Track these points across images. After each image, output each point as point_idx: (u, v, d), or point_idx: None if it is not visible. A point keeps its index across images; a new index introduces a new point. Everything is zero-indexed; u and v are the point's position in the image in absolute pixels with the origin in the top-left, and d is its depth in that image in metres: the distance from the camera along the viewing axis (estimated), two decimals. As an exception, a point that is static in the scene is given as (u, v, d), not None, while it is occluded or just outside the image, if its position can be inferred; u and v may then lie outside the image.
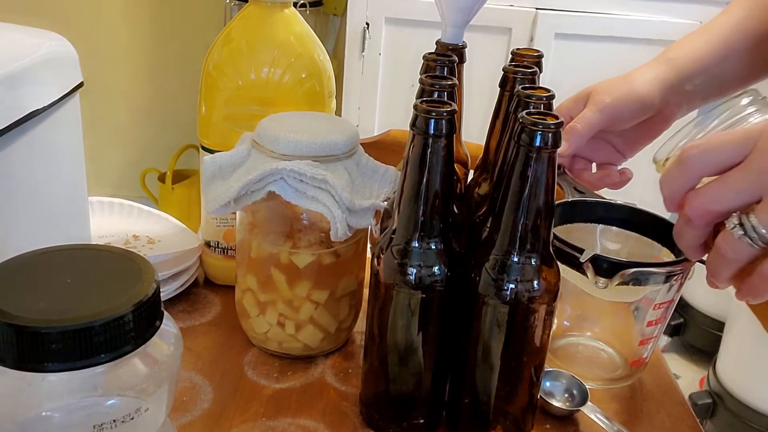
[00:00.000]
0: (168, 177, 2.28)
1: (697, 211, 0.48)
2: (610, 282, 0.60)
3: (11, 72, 0.52)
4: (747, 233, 0.46)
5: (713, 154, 0.48)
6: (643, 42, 1.87)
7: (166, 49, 2.42)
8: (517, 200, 0.51)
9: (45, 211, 0.60)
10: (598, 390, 0.67)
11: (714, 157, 0.47)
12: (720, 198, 0.47)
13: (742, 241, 0.46)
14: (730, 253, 0.47)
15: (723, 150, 0.47)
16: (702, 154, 0.48)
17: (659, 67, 0.72)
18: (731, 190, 0.46)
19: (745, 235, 0.46)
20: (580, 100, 0.71)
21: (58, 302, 0.35)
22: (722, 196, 0.47)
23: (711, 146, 0.48)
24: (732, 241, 0.47)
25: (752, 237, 0.46)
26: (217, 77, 0.72)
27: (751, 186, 0.46)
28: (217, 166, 0.64)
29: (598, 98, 0.69)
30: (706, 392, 1.78)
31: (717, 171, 0.48)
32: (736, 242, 0.46)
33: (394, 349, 0.58)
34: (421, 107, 0.51)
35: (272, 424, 0.61)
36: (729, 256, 0.47)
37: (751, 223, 0.45)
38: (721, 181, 0.47)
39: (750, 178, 0.46)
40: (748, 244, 0.46)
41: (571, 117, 0.71)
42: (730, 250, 0.47)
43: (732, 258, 0.47)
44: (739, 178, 0.46)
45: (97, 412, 0.36)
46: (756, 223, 0.45)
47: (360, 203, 0.62)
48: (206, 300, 0.77)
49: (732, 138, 0.47)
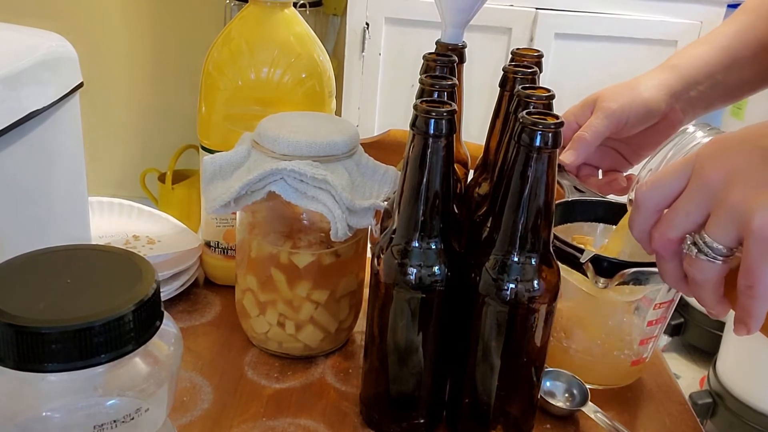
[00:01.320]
0: (168, 177, 2.28)
1: (659, 243, 0.50)
2: (610, 282, 0.60)
3: (11, 72, 0.52)
4: (701, 250, 0.47)
5: (660, 188, 0.50)
6: (643, 42, 1.87)
7: (166, 49, 2.42)
8: (517, 200, 0.51)
9: (45, 212, 0.60)
10: (598, 390, 0.67)
11: (662, 191, 0.49)
12: (673, 225, 0.49)
13: (701, 260, 0.47)
14: (696, 275, 0.48)
15: (667, 181, 0.49)
16: (651, 191, 0.50)
17: (664, 73, 0.72)
18: (681, 214, 0.48)
19: (700, 253, 0.47)
20: (587, 107, 0.71)
21: (58, 302, 0.35)
22: (675, 222, 0.49)
23: (657, 181, 0.50)
24: (692, 263, 0.48)
25: (707, 253, 0.47)
26: (217, 77, 0.72)
27: (696, 206, 0.47)
28: (217, 166, 0.64)
29: (604, 105, 0.69)
30: (706, 392, 1.78)
31: (668, 202, 0.49)
32: (696, 262, 0.48)
33: (394, 349, 0.58)
34: (421, 107, 0.51)
35: (272, 424, 0.61)
36: (698, 278, 0.49)
37: (703, 240, 0.47)
38: (672, 209, 0.49)
39: (693, 199, 0.48)
40: (707, 261, 0.47)
41: (578, 123, 0.71)
42: (695, 273, 0.48)
43: (701, 279, 0.48)
44: (684, 201, 0.48)
45: (98, 412, 0.36)
46: (708, 240, 0.47)
47: (360, 203, 0.62)
48: (206, 300, 0.77)
49: (674, 167, 0.49)
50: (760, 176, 0.45)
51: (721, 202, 0.46)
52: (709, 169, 0.47)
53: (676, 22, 1.86)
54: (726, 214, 0.46)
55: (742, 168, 0.45)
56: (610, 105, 0.69)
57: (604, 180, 0.74)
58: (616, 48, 1.88)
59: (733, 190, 0.45)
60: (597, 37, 1.87)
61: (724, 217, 0.46)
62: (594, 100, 0.71)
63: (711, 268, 0.47)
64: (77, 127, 0.63)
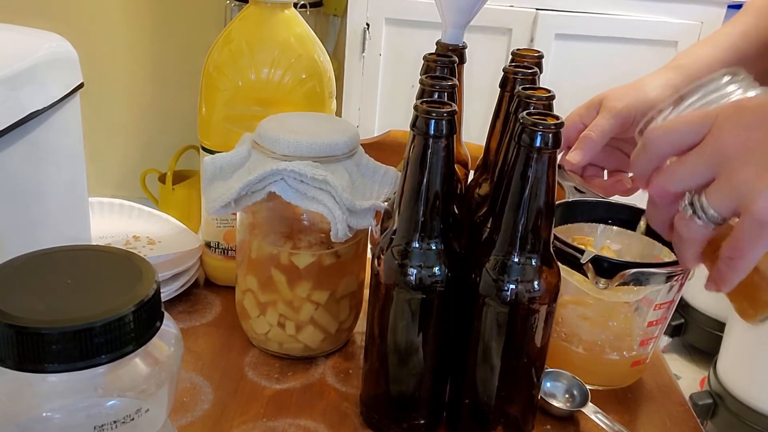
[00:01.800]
0: (168, 178, 2.28)
1: (657, 190, 0.50)
2: (610, 282, 0.60)
3: (12, 73, 0.52)
4: (696, 213, 0.47)
5: (672, 136, 0.49)
6: (643, 42, 1.87)
7: (167, 49, 2.42)
8: (518, 201, 0.51)
9: (45, 212, 0.60)
10: (598, 390, 0.67)
11: (673, 139, 0.49)
12: (676, 178, 0.48)
13: (693, 221, 0.47)
14: (684, 232, 0.48)
15: (681, 131, 0.48)
16: (662, 136, 0.49)
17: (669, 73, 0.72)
18: (687, 170, 0.48)
19: (694, 215, 0.47)
20: (592, 108, 0.71)
21: (59, 303, 0.35)
22: (678, 177, 0.48)
23: (670, 128, 0.49)
24: (684, 221, 0.48)
25: (701, 217, 0.47)
26: (217, 78, 0.72)
27: (703, 167, 0.47)
28: (218, 166, 0.64)
29: (610, 105, 0.69)
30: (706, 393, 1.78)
31: (677, 152, 0.49)
32: (688, 222, 0.48)
33: (394, 349, 0.58)
34: (421, 108, 0.51)
35: (272, 425, 0.61)
36: (684, 236, 0.49)
37: (700, 203, 0.47)
38: (678, 163, 0.48)
39: (703, 160, 0.47)
40: (698, 224, 0.47)
41: (583, 124, 0.71)
42: (683, 230, 0.48)
43: (687, 237, 0.48)
44: (693, 159, 0.47)
45: (98, 412, 0.36)
46: (705, 204, 0.46)
47: (360, 204, 0.62)
48: (206, 301, 0.77)
49: (691, 119, 0.49)
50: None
51: (729, 173, 0.45)
52: (727, 135, 0.46)
53: (677, 23, 1.86)
54: (731, 186, 0.45)
55: (760, 145, 0.45)
56: (616, 105, 0.69)
57: (610, 181, 0.74)
58: (617, 48, 1.88)
59: (745, 164, 0.45)
60: (597, 38, 1.87)
61: (728, 188, 0.45)
62: (600, 100, 0.71)
63: (700, 231, 0.47)
64: (77, 127, 0.63)
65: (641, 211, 0.71)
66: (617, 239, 0.72)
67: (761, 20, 0.73)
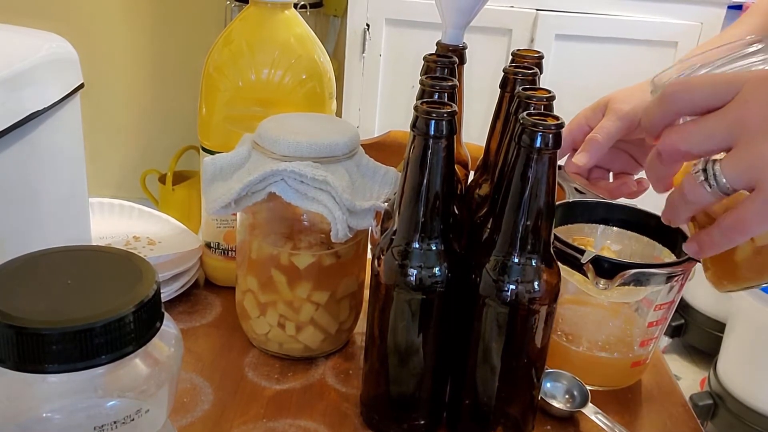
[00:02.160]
0: (168, 178, 2.28)
1: (667, 147, 0.48)
2: (610, 283, 0.60)
3: (12, 73, 0.52)
4: (708, 179, 0.46)
5: (693, 95, 0.47)
6: (643, 43, 1.87)
7: (167, 50, 2.42)
8: (518, 201, 0.51)
9: (45, 212, 0.59)
10: (598, 391, 0.67)
11: (693, 98, 0.47)
12: (691, 139, 0.47)
13: (702, 187, 0.46)
14: (689, 194, 0.47)
15: (703, 92, 0.47)
16: (682, 93, 0.48)
17: None
18: (703, 134, 0.46)
19: (705, 181, 0.46)
20: (598, 110, 0.71)
21: (59, 303, 0.35)
22: (693, 138, 0.47)
23: (692, 86, 0.48)
24: (692, 184, 0.47)
25: (712, 184, 0.46)
26: (217, 78, 0.72)
27: (722, 134, 0.45)
28: (218, 167, 0.64)
29: (616, 107, 0.69)
30: (706, 393, 1.78)
31: (695, 112, 0.47)
32: (697, 186, 0.46)
33: (394, 350, 0.58)
34: (421, 108, 0.51)
35: (273, 426, 0.61)
36: (688, 198, 0.47)
37: (713, 171, 0.45)
38: (695, 123, 0.47)
39: (723, 126, 0.45)
40: (707, 191, 0.46)
41: (589, 126, 0.71)
42: (689, 192, 0.47)
43: (690, 200, 0.47)
44: (713, 123, 0.46)
45: (98, 413, 0.36)
46: (718, 172, 0.45)
47: (360, 204, 0.62)
48: (207, 301, 0.77)
49: (715, 81, 0.47)
50: None
51: (749, 145, 0.44)
52: (754, 106, 0.44)
53: (677, 24, 1.86)
54: (750, 159, 0.44)
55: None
56: (622, 107, 0.69)
57: (615, 183, 0.74)
58: (617, 49, 1.88)
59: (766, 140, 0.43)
60: (597, 39, 1.87)
61: (746, 161, 0.44)
62: (605, 102, 0.71)
63: (706, 197, 0.46)
64: (78, 128, 0.63)
65: (641, 212, 0.71)
66: (617, 240, 0.72)
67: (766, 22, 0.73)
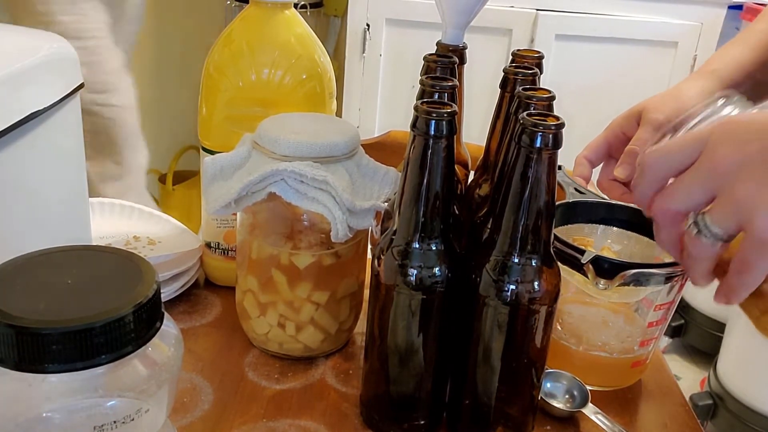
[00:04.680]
0: (168, 178, 2.28)
1: (658, 212, 0.50)
2: (610, 283, 0.60)
3: (12, 73, 0.52)
4: (701, 231, 0.47)
5: (668, 158, 0.49)
6: (644, 43, 1.87)
7: (167, 50, 2.41)
8: (518, 201, 0.51)
9: (45, 212, 0.60)
10: (598, 391, 0.67)
11: (669, 161, 0.49)
12: (675, 199, 0.48)
13: (700, 240, 0.47)
14: (693, 250, 0.48)
15: (676, 153, 0.49)
16: (658, 159, 0.50)
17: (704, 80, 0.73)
18: (684, 191, 0.48)
19: (699, 233, 0.47)
20: (632, 118, 0.73)
21: (59, 303, 0.35)
22: (677, 197, 0.48)
23: (666, 150, 0.50)
24: (691, 240, 0.48)
25: (706, 235, 0.47)
26: (217, 78, 0.72)
27: (700, 186, 0.47)
28: (218, 167, 0.64)
29: (651, 117, 0.70)
30: (706, 393, 1.78)
31: (674, 173, 0.49)
32: (695, 241, 0.48)
33: (394, 350, 0.58)
34: (421, 108, 0.51)
35: (273, 426, 0.61)
36: (693, 254, 0.49)
37: (704, 222, 0.47)
38: (676, 183, 0.49)
39: (698, 179, 0.47)
40: (705, 243, 0.47)
41: (624, 134, 0.72)
42: (692, 248, 0.48)
43: (696, 256, 0.49)
44: (689, 179, 0.48)
45: (98, 413, 0.36)
46: (709, 222, 0.47)
47: (360, 204, 0.62)
48: (207, 301, 0.77)
49: (685, 140, 0.49)
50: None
51: (727, 192, 0.45)
52: (721, 154, 0.46)
53: (677, 24, 1.86)
54: (731, 204, 0.45)
55: (756, 160, 0.45)
56: (657, 117, 0.70)
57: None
58: (617, 49, 1.88)
59: (742, 182, 0.45)
60: (597, 39, 1.87)
61: (729, 206, 0.45)
62: (639, 110, 0.72)
63: (707, 249, 0.47)
64: (78, 127, 0.63)
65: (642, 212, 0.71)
66: (617, 240, 0.72)
67: None
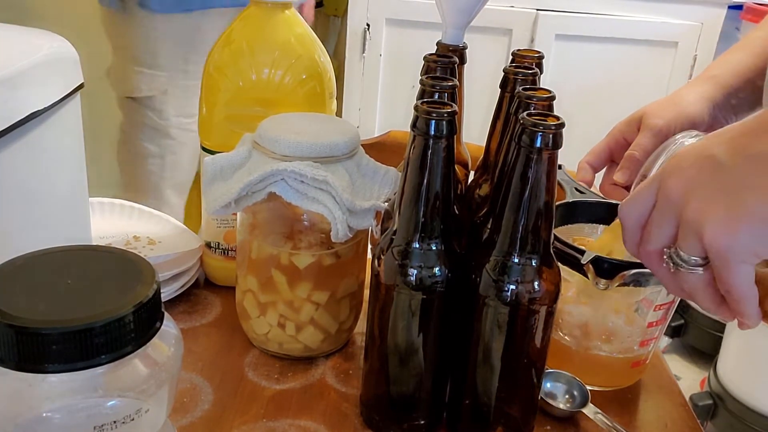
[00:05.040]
0: (168, 178, 2.28)
1: (644, 257, 0.51)
2: (610, 283, 0.60)
3: (12, 73, 0.52)
4: (676, 264, 0.48)
5: (636, 204, 0.50)
6: (643, 43, 1.87)
7: (167, 50, 2.41)
8: (518, 201, 0.51)
9: (45, 212, 0.60)
10: (598, 391, 0.67)
11: (638, 206, 0.50)
12: (651, 239, 0.50)
13: (681, 272, 0.48)
14: (684, 285, 0.49)
15: (641, 197, 0.50)
16: (629, 206, 0.51)
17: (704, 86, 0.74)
18: (655, 230, 0.49)
19: (677, 266, 0.48)
20: (633, 123, 0.74)
21: (59, 303, 0.35)
22: (651, 237, 0.49)
23: (632, 199, 0.51)
24: (675, 275, 0.49)
25: (682, 266, 0.48)
26: (217, 78, 0.72)
27: (665, 221, 0.48)
28: (218, 167, 0.64)
29: (651, 122, 0.71)
30: (706, 393, 1.78)
31: (646, 217, 0.50)
32: (678, 274, 0.49)
33: (394, 350, 0.58)
34: (421, 108, 0.51)
35: (273, 425, 0.61)
36: (685, 288, 0.49)
37: (677, 254, 0.48)
38: (648, 225, 0.50)
39: (661, 215, 0.48)
40: (687, 272, 0.48)
41: (624, 139, 0.74)
42: (682, 283, 0.49)
43: (688, 289, 0.49)
44: (655, 216, 0.49)
45: (98, 413, 0.36)
46: (681, 253, 0.48)
47: (360, 204, 0.62)
48: (207, 301, 0.77)
49: (646, 183, 0.50)
50: (710, 188, 0.45)
51: (681, 217, 0.47)
52: (670, 185, 0.47)
53: (677, 24, 1.86)
54: (686, 228, 0.47)
55: (695, 181, 0.46)
56: (657, 122, 0.71)
57: None
58: (617, 49, 1.88)
59: (689, 204, 0.46)
60: (597, 39, 1.87)
61: (686, 231, 0.47)
62: (640, 116, 0.73)
63: (694, 278, 0.48)
64: (78, 128, 0.63)
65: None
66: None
67: None
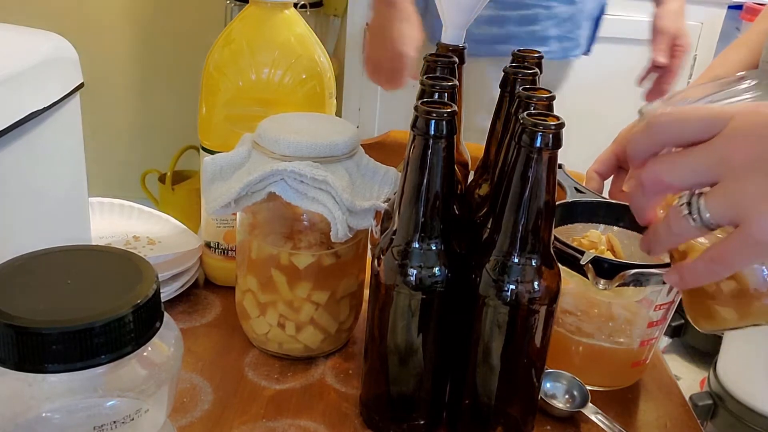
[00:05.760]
0: (168, 178, 2.28)
1: (650, 178, 0.47)
2: (610, 283, 0.60)
3: (12, 73, 0.52)
4: (692, 214, 0.45)
5: (680, 126, 0.46)
6: (643, 43, 1.87)
7: (167, 49, 2.41)
8: (518, 201, 0.51)
9: (45, 212, 0.59)
10: (598, 391, 0.67)
11: (680, 129, 0.46)
12: (676, 172, 0.46)
13: (687, 221, 0.45)
14: (674, 227, 0.46)
15: (690, 124, 0.46)
16: (669, 123, 0.46)
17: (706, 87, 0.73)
18: (688, 167, 0.45)
19: (689, 215, 0.45)
20: None
21: (59, 303, 0.35)
22: (678, 171, 0.45)
23: (680, 117, 0.46)
24: (677, 218, 0.46)
25: (695, 219, 0.45)
26: (217, 78, 0.72)
27: (707, 169, 0.44)
28: (218, 167, 0.64)
29: None
30: (706, 393, 1.78)
31: (682, 144, 0.46)
32: (681, 220, 0.45)
33: (394, 350, 0.58)
34: (421, 108, 0.51)
35: (272, 426, 0.61)
36: (673, 230, 0.46)
37: (698, 205, 0.45)
38: (681, 156, 0.46)
39: (708, 161, 0.44)
40: (691, 225, 0.45)
41: None
42: (674, 225, 0.46)
43: (675, 232, 0.46)
44: (698, 157, 0.45)
45: (98, 413, 0.36)
46: (703, 207, 0.44)
47: (360, 204, 0.62)
48: (206, 301, 0.77)
49: (703, 114, 0.46)
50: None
51: (733, 182, 0.43)
52: (739, 142, 0.43)
53: (677, 24, 1.86)
54: (733, 197, 0.43)
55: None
56: None
57: None
58: (617, 49, 1.88)
59: (752, 178, 0.42)
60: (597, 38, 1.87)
61: (731, 198, 0.43)
62: None
63: (690, 231, 0.45)
64: (78, 127, 0.63)
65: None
66: (618, 240, 0.72)
67: None
